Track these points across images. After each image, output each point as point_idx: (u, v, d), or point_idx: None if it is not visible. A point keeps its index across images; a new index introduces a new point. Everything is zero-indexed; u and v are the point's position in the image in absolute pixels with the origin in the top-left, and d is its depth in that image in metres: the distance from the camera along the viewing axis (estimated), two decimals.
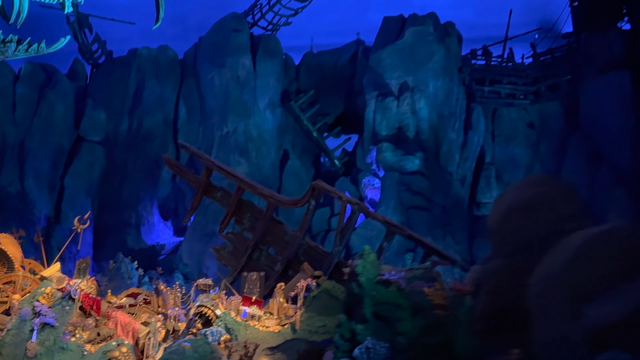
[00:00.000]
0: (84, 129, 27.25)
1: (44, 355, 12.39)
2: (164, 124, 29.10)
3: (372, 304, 9.13)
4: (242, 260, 16.09)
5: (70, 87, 27.75)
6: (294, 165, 29.12)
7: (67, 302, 13.28)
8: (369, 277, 9.27)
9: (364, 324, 9.09)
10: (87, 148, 27.04)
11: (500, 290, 7.42)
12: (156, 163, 28.89)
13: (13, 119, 25.64)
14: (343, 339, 9.35)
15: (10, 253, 14.78)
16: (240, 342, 12.14)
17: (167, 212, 29.72)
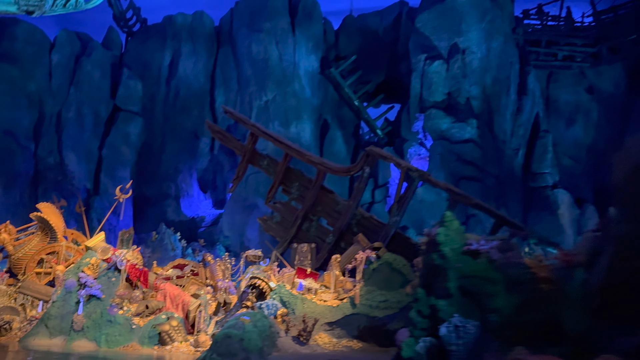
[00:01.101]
0: (120, 98, 26.57)
1: (90, 328, 11.77)
2: (201, 94, 28.22)
3: (457, 277, 7.97)
4: (291, 231, 15.19)
5: (106, 55, 27.03)
6: (334, 135, 27.94)
7: (113, 273, 12.61)
8: (454, 246, 8.10)
9: (447, 300, 7.96)
10: (124, 118, 26.40)
11: (627, 260, 6.19)
12: (194, 134, 28.16)
13: (50, 88, 25.10)
14: (421, 315, 8.25)
15: (53, 223, 14.19)
16: (298, 317, 11.26)
17: (205, 184, 29.10)
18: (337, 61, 28.63)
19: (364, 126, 30.25)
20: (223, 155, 28.60)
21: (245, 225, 24.32)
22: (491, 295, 7.80)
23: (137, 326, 11.74)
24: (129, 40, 29.63)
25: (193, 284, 13.85)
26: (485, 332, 7.66)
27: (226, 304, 12.62)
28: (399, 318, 11.69)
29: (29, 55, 24.58)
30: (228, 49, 28.32)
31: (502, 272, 7.79)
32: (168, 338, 11.50)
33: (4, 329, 11.97)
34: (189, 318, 12.15)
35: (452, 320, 7.68)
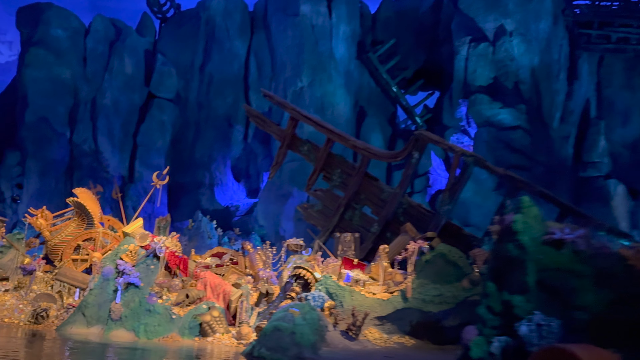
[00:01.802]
0: (154, 85, 26.22)
1: (129, 317, 11.29)
2: (234, 81, 27.66)
3: (536, 270, 7.07)
4: (333, 220, 14.44)
5: (140, 42, 26.70)
6: (371, 123, 27.02)
7: (151, 260, 12.11)
8: (533, 236, 7.19)
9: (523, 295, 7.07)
10: (158, 105, 26.06)
11: None
12: (228, 122, 27.66)
13: (84, 74, 24.92)
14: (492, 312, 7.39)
15: (90, 208, 13.81)
16: (346, 310, 10.52)
17: (239, 173, 28.62)
18: (374, 46, 27.63)
19: (400, 114, 29.22)
20: (257, 143, 28.04)
21: (280, 215, 23.72)
22: (577, 290, 6.90)
23: (177, 316, 11.22)
24: (163, 26, 29.27)
25: (233, 273, 13.28)
26: (569, 332, 6.79)
27: (268, 295, 11.98)
28: (455, 314, 10.85)
29: (64, 42, 24.42)
30: (262, 35, 27.66)
31: (590, 264, 6.87)
32: (209, 329, 10.94)
33: (40, 317, 11.62)
34: (230, 309, 11.57)
35: (534, 318, 6.81)
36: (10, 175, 22.70)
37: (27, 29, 24.74)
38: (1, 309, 11.64)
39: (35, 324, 11.57)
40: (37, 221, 13.49)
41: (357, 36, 26.93)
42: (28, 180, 22.76)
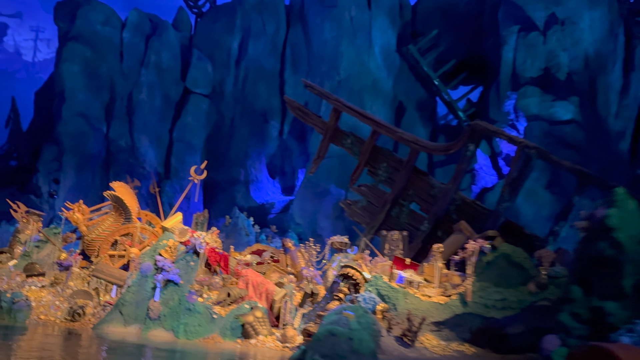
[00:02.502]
0: (190, 80, 25.88)
1: (168, 317, 10.73)
2: (270, 76, 27.09)
3: (635, 272, 6.11)
4: (379, 217, 13.63)
5: (176, 37, 26.41)
6: (411, 118, 26.04)
7: (191, 257, 11.53)
8: (632, 233, 6.24)
9: (619, 301, 6.12)
10: (194, 101, 25.71)
11: None
12: (263, 117, 27.11)
13: (121, 69, 24.74)
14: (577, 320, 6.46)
15: (128, 202, 13.37)
16: (400, 314, 9.69)
17: (274, 170, 28.05)
18: (414, 38, 26.60)
19: (440, 109, 28.12)
20: (292, 139, 27.41)
21: (317, 213, 23.00)
22: None
23: (218, 316, 10.59)
24: (199, 21, 28.97)
25: (274, 271, 12.60)
26: None
27: (313, 295, 11.23)
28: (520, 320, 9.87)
29: (101, 36, 24.30)
30: (299, 28, 27.00)
31: None
32: (252, 330, 10.26)
33: (77, 314, 11.17)
34: (273, 309, 10.88)
35: (636, 327, 5.86)
36: (47, 170, 22.67)
37: (64, 23, 24.72)
38: (37, 305, 11.25)
39: (72, 321, 11.14)
40: (74, 215, 13.12)
41: (397, 28, 25.99)
42: (65, 175, 22.68)
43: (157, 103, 24.99)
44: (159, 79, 25.10)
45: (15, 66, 42.78)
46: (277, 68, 27.07)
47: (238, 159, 26.21)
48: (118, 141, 24.05)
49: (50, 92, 25.36)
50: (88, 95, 23.53)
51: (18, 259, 12.51)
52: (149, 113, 24.82)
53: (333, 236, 12.70)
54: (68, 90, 23.33)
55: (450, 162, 22.85)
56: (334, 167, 22.63)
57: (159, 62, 25.24)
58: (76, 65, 23.49)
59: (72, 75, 23.42)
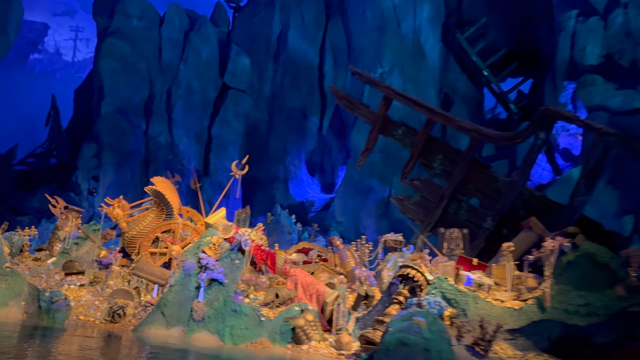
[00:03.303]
0: (229, 76, 25.34)
1: (212, 318, 9.98)
2: (309, 70, 26.30)
3: None
4: (435, 214, 12.56)
5: (214, 32, 25.93)
6: (457, 111, 24.70)
7: (236, 255, 10.78)
8: None
9: None
10: (233, 97, 25.15)
11: None
12: (302, 113, 26.34)
13: (159, 65, 24.40)
14: None
15: (169, 198, 12.77)
16: (471, 320, 8.64)
17: (313, 167, 27.24)
18: (460, 27, 25.31)
19: (487, 101, 26.73)
20: (332, 135, 26.54)
21: (359, 211, 22.04)
22: None
23: (266, 318, 9.77)
24: (237, 15, 28.45)
25: (323, 271, 11.73)
26: None
27: (368, 298, 10.29)
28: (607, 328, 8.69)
29: (139, 31, 24.02)
30: (339, 19, 26.11)
31: None
32: (304, 335, 9.40)
33: (117, 315, 10.57)
34: (325, 312, 10.00)
35: None
36: (87, 168, 22.49)
37: (103, 19, 24.56)
38: (76, 305, 10.70)
39: (112, 322, 10.54)
40: (113, 211, 12.58)
41: (442, 17, 24.77)
42: (104, 172, 22.47)
43: (196, 99, 24.53)
44: (197, 75, 24.63)
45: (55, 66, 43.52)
46: (316, 62, 26.26)
47: (277, 155, 25.51)
48: (157, 138, 23.70)
49: (89, 89, 25.27)
50: (127, 92, 23.24)
51: (57, 256, 12.04)
52: (188, 109, 24.38)
53: (386, 234, 11.71)
54: (107, 87, 23.11)
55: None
56: (377, 163, 21.64)
57: (197, 58, 24.78)
58: (115, 61, 23.26)
59: (111, 71, 23.19)
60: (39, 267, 11.73)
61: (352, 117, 25.80)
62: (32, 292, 10.95)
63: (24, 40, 39.91)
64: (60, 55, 44.58)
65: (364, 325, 9.83)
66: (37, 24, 41.50)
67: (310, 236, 19.46)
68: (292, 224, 19.49)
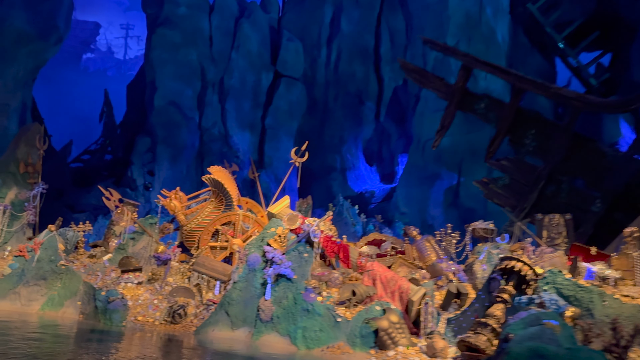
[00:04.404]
0: (281, 63, 24.28)
1: (282, 319, 8.85)
2: (364, 53, 24.83)
3: None
4: (529, 198, 10.94)
5: (264, 18, 24.89)
6: None
7: (304, 247, 9.62)
8: None
9: None
10: (285, 85, 24.08)
11: None
12: (358, 99, 24.94)
13: (211, 54, 23.63)
14: None
15: (228, 187, 11.78)
16: (599, 321, 7.05)
17: (370, 156, 25.81)
18: None
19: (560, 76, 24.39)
20: (390, 122, 25.02)
21: (426, 200, 20.44)
22: None
23: (343, 319, 8.54)
24: (286, 0, 27.32)
25: (402, 264, 10.37)
26: None
27: (460, 296, 8.84)
28: None
29: (189, 20, 23.32)
30: None
31: None
32: (389, 339, 8.09)
33: (177, 315, 9.63)
34: (410, 312, 8.64)
35: None
36: (141, 162, 22.05)
37: (152, 9, 24.04)
38: (134, 305, 9.84)
39: (172, 323, 9.61)
40: (170, 203, 11.69)
41: None
42: (159, 167, 21.95)
43: (248, 89, 23.62)
44: (249, 64, 23.71)
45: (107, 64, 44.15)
46: (371, 44, 24.78)
47: (333, 145, 24.24)
48: (211, 130, 22.98)
49: (141, 83, 24.90)
50: (179, 84, 22.63)
51: (113, 252, 11.28)
52: (241, 99, 23.50)
53: (475, 222, 10.17)
54: (159, 79, 22.59)
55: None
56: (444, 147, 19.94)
57: (248, 46, 23.85)
58: (166, 52, 22.70)
59: (162, 62, 22.65)
60: (94, 265, 11.01)
61: (412, 101, 24.19)
62: (87, 291, 10.25)
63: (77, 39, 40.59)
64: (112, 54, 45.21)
65: (458, 328, 8.41)
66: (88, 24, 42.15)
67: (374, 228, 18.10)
68: (355, 215, 18.22)
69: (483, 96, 11.74)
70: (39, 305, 10.07)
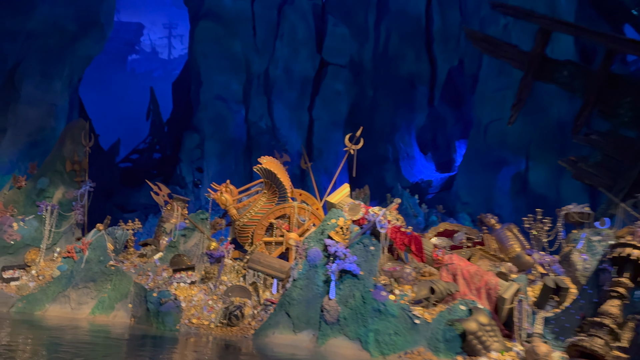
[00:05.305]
0: (326, 50, 23.22)
1: (350, 320, 7.85)
2: (415, 33, 23.41)
3: None
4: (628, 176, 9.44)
5: (308, 4, 23.87)
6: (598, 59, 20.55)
7: (370, 240, 8.56)
8: None
9: None
10: (332, 73, 23.01)
11: None
12: (410, 83, 23.56)
13: (255, 44, 22.87)
14: None
15: (281, 178, 10.88)
16: None
17: (424, 144, 24.38)
18: None
19: None
20: (444, 106, 23.51)
21: (491, 188, 18.89)
22: None
23: (422, 321, 7.43)
24: None
25: (482, 257, 9.11)
26: None
27: (560, 291, 7.52)
28: None
29: (231, 10, 22.61)
30: None
31: None
32: (479, 344, 6.92)
33: (234, 317, 8.79)
34: (501, 312, 7.42)
35: None
36: (190, 159, 21.58)
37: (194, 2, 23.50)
38: (187, 306, 9.07)
39: (229, 325, 8.78)
40: (221, 197, 10.89)
41: None
42: (207, 163, 21.41)
43: (295, 78, 22.71)
44: (294, 52, 22.79)
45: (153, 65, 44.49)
46: (422, 24, 23.34)
47: (384, 133, 22.98)
48: (258, 123, 22.23)
49: (186, 79, 24.47)
50: (224, 76, 22.00)
51: (164, 250, 10.58)
52: (287, 90, 22.62)
53: (567, 205, 8.79)
54: (204, 73, 22.05)
55: None
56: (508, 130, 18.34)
57: (293, 34, 22.93)
58: (209, 45, 22.11)
59: (206, 56, 22.08)
60: (145, 264, 10.35)
61: (469, 82, 22.59)
62: (138, 292, 9.60)
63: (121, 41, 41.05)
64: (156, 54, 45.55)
65: (560, 329, 7.13)
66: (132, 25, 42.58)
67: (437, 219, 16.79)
68: (416, 205, 16.96)
69: (566, 62, 10.30)
70: (89, 308, 9.51)
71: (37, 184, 11.58)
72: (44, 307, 9.59)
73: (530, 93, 10.88)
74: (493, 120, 19.41)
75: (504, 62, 19.51)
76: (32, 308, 9.56)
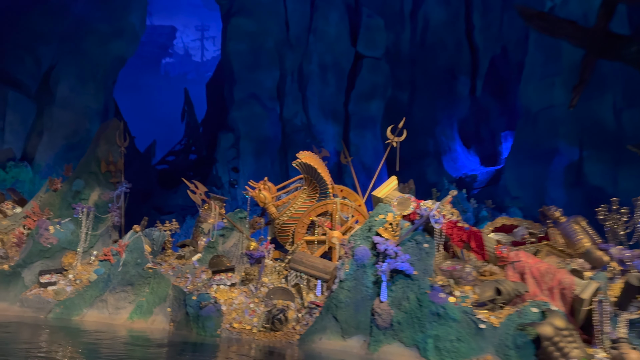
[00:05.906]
0: (361, 43, 22.46)
1: (405, 325, 7.17)
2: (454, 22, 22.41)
3: None
4: None
5: None
6: None
7: (423, 236, 7.82)
8: None
9: None
10: (368, 66, 22.25)
11: None
12: (450, 74, 22.57)
13: (288, 39, 22.34)
14: None
15: (322, 173, 10.26)
16: None
17: (466, 137, 23.32)
18: None
19: None
20: (487, 96, 22.42)
21: (542, 181, 17.75)
22: None
23: (488, 325, 6.65)
24: None
25: (549, 253, 8.24)
26: None
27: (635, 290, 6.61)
28: None
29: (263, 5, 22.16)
30: None
31: None
32: (556, 351, 6.12)
33: (277, 321, 8.20)
34: (577, 314, 6.56)
35: None
36: (225, 159, 21.25)
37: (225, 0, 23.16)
38: (228, 310, 8.54)
39: (272, 330, 8.20)
40: (260, 194, 10.35)
41: None
42: (243, 162, 21.02)
43: (329, 73, 22.07)
44: (328, 46, 22.14)
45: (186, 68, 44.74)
46: (462, 10, 22.31)
47: (424, 126, 22.06)
48: (293, 120, 21.71)
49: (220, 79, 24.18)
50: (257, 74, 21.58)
51: (202, 251, 10.12)
52: (322, 85, 22.00)
53: None
54: (237, 72, 21.69)
55: None
56: (560, 118, 17.22)
57: (326, 27, 22.28)
58: (242, 42, 21.72)
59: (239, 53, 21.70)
60: (183, 266, 9.90)
61: (514, 70, 21.45)
62: (177, 296, 9.16)
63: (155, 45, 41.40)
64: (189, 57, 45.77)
65: None
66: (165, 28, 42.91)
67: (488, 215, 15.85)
68: (464, 200, 16.07)
69: (633, 37, 9.25)
70: (127, 313, 9.10)
71: (73, 186, 11.31)
72: (81, 312, 9.26)
73: (593, 72, 9.90)
74: (542, 108, 18.27)
75: (551, 47, 18.46)
76: (70, 313, 9.24)
